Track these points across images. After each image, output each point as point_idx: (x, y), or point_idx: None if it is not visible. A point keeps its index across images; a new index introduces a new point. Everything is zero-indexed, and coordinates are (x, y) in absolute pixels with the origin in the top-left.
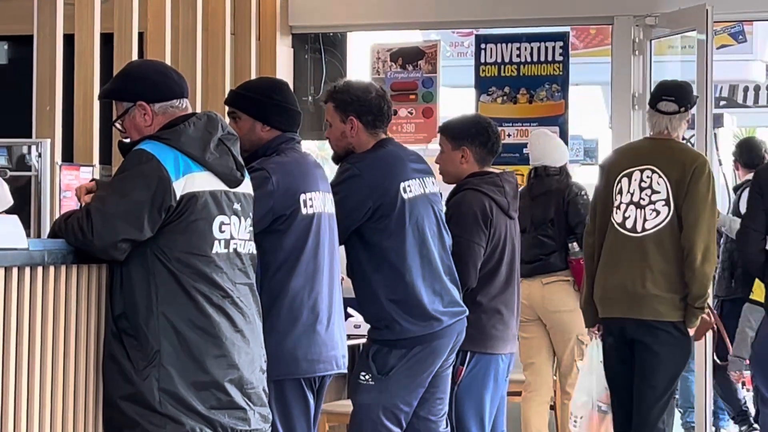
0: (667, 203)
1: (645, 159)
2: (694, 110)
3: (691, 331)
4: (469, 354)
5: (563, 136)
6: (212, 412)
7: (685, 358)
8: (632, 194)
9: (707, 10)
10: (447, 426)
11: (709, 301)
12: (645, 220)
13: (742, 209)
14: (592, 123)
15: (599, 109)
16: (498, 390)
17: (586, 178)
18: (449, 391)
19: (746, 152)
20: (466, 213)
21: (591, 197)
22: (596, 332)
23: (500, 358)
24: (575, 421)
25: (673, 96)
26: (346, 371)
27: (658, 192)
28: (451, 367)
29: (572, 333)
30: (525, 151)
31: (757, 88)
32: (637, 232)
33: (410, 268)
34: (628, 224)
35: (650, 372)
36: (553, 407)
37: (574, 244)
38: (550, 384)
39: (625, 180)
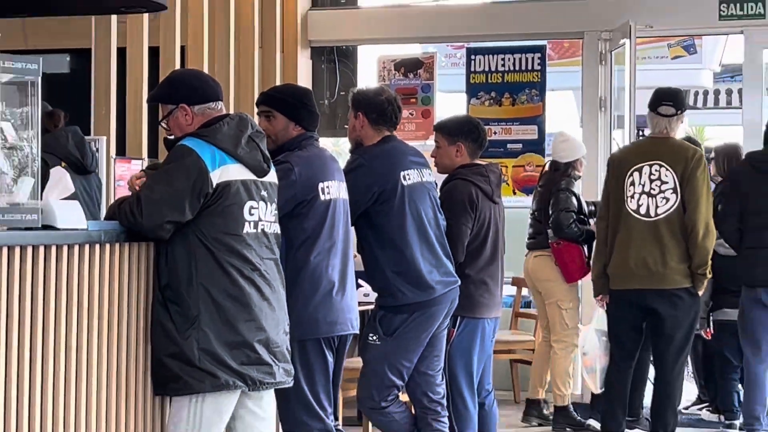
0: (675, 191)
1: (652, 155)
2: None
3: (699, 293)
4: (459, 318)
5: (541, 134)
6: (243, 367)
7: (696, 317)
8: (644, 185)
9: (630, 26)
10: (442, 379)
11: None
12: (657, 206)
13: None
14: (566, 122)
15: (571, 111)
16: (484, 349)
17: None
18: (444, 349)
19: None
20: (456, 199)
21: (571, 192)
22: (601, 301)
23: (486, 322)
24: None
25: (671, 101)
26: (358, 332)
27: (667, 182)
28: (446, 330)
29: (551, 298)
30: (509, 146)
31: (705, 93)
32: (651, 217)
33: (410, 245)
34: (642, 210)
35: (671, 333)
36: None
37: (549, 231)
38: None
39: (636, 174)
